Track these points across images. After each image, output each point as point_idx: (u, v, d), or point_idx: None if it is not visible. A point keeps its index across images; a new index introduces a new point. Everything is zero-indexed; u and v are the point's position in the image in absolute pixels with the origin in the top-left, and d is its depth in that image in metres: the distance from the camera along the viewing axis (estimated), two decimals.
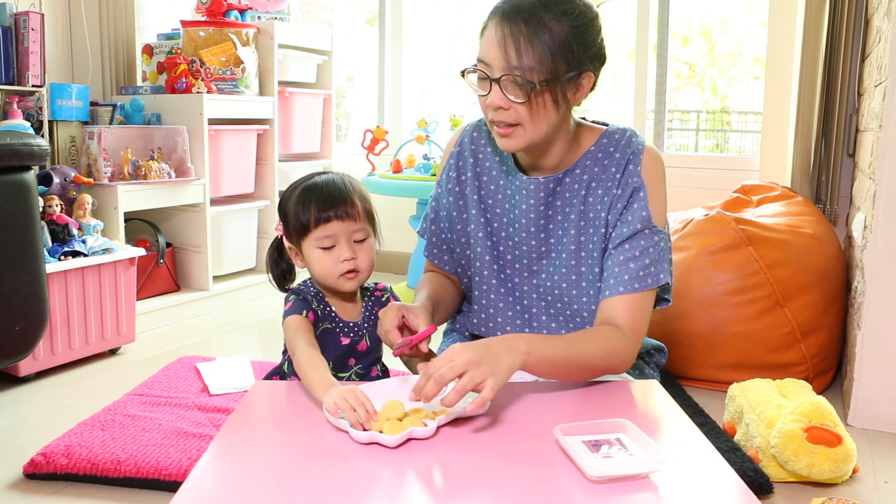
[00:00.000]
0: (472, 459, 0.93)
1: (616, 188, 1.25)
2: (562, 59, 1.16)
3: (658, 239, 1.24)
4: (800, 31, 2.60)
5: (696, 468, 0.92)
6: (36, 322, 2.00)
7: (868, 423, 1.96)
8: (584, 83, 1.21)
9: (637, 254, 1.23)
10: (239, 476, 0.90)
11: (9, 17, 2.67)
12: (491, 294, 1.39)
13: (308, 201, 1.28)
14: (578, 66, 1.18)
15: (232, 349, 2.63)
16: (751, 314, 2.14)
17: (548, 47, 1.14)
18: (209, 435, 1.78)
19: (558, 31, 1.15)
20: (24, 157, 1.90)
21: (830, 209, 2.65)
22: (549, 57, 1.15)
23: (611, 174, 1.26)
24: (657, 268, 1.23)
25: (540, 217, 1.31)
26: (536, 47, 1.14)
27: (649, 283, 1.22)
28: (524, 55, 1.15)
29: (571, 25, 1.16)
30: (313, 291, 1.33)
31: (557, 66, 1.15)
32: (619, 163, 1.26)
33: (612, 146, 1.28)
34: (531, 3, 1.16)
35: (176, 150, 2.98)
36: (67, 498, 1.58)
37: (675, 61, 3.76)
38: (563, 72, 1.16)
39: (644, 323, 1.24)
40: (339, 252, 1.28)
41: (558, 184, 1.29)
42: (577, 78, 1.19)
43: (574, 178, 1.28)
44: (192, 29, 3.16)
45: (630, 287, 1.22)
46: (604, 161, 1.27)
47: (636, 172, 1.25)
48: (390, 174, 3.18)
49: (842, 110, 2.59)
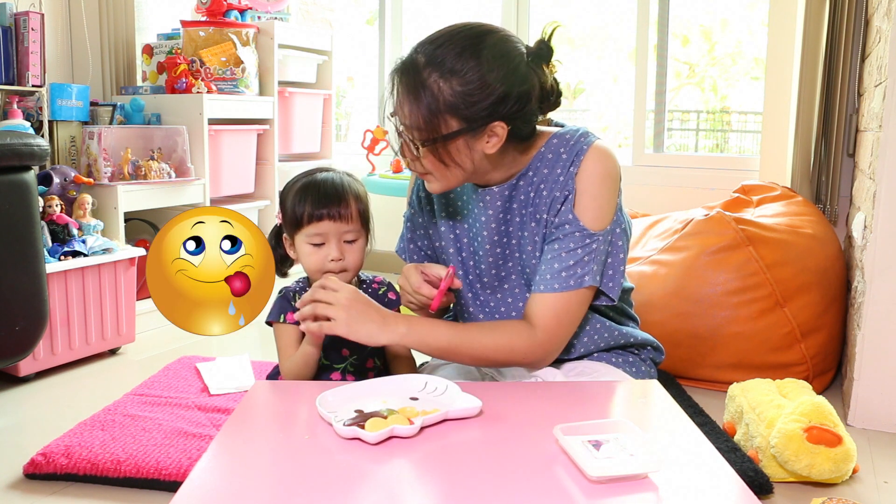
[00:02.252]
0: (472, 459, 0.93)
1: (557, 190, 1.24)
2: (450, 117, 1.15)
3: (590, 241, 1.22)
4: (800, 31, 2.60)
5: (697, 468, 0.92)
6: (36, 322, 2.00)
7: (868, 423, 1.96)
8: (496, 131, 1.18)
9: (563, 254, 1.22)
10: (239, 476, 0.90)
11: (9, 17, 2.67)
12: (469, 308, 1.40)
13: (305, 197, 1.32)
14: (479, 121, 1.16)
15: (232, 349, 2.63)
16: (751, 314, 2.14)
17: (430, 108, 1.14)
18: (209, 435, 1.78)
19: (445, 91, 1.14)
20: (24, 157, 1.90)
21: (830, 209, 2.65)
22: (431, 118, 1.15)
23: (555, 175, 1.25)
24: (583, 269, 1.22)
25: (501, 224, 1.30)
26: (417, 108, 1.15)
27: (571, 284, 1.21)
28: (409, 115, 1.17)
29: (461, 83, 1.14)
30: (298, 287, 1.38)
31: (441, 125, 1.15)
32: (564, 164, 1.25)
33: (562, 146, 1.26)
34: (416, 63, 1.16)
35: (176, 150, 2.98)
36: (67, 498, 1.58)
37: (675, 61, 3.76)
38: (455, 129, 1.16)
39: (562, 322, 1.23)
40: (327, 250, 1.32)
41: (513, 189, 1.28)
42: (481, 130, 1.17)
43: (527, 181, 1.28)
44: (192, 29, 3.16)
45: (549, 287, 1.22)
46: (553, 162, 1.26)
47: (572, 175, 1.24)
48: (390, 174, 3.18)
49: (842, 110, 2.59)
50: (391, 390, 1.10)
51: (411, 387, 1.12)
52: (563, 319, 1.23)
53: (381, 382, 1.13)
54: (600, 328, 1.35)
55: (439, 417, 1.01)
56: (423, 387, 1.12)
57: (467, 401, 1.04)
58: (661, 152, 3.25)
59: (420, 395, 1.10)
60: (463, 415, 1.02)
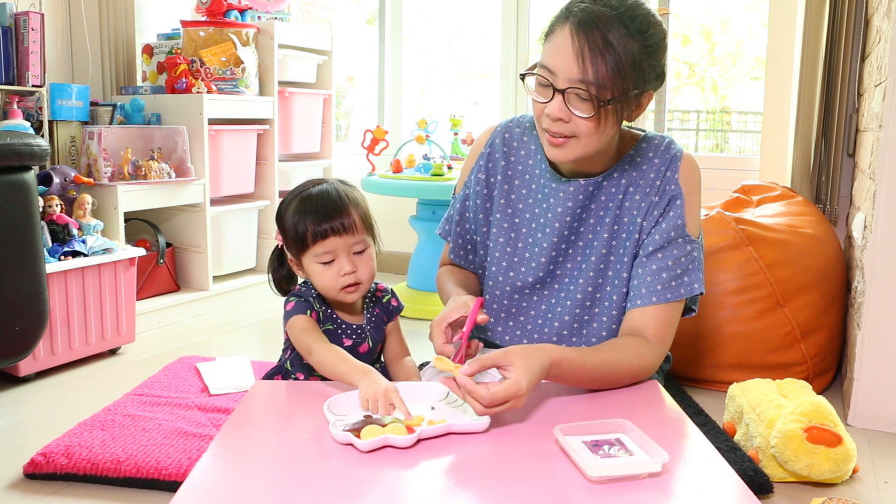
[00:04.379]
0: (473, 459, 0.93)
1: (654, 194, 1.23)
2: (631, 77, 1.11)
3: (691, 248, 1.22)
4: (800, 31, 2.60)
5: (697, 468, 0.92)
6: (36, 322, 2.00)
7: (868, 423, 1.96)
8: (644, 101, 1.17)
9: (670, 263, 1.20)
10: (239, 476, 0.90)
11: (9, 17, 2.67)
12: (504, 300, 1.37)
13: (304, 216, 1.27)
14: (644, 85, 1.14)
15: (232, 349, 2.63)
16: (751, 314, 2.14)
17: (621, 65, 1.09)
18: (209, 435, 1.78)
19: (632, 49, 1.10)
20: (24, 157, 1.90)
21: (830, 209, 2.65)
22: (621, 75, 1.09)
23: (649, 179, 1.23)
24: (690, 278, 1.21)
25: (574, 220, 1.28)
26: (610, 64, 1.09)
27: (681, 293, 1.20)
28: (597, 70, 1.09)
29: (644, 44, 1.11)
30: (314, 294, 1.33)
31: (626, 84, 1.11)
32: (658, 168, 1.23)
33: (652, 151, 1.25)
34: (608, 16, 1.09)
35: (176, 150, 2.98)
36: (67, 498, 1.58)
37: (675, 61, 3.76)
38: (630, 90, 1.12)
39: (671, 334, 1.22)
40: (339, 266, 1.28)
41: (597, 187, 1.26)
42: (640, 96, 1.16)
43: (612, 181, 1.26)
44: (192, 29, 3.16)
45: (662, 297, 1.20)
46: (642, 166, 1.24)
47: (674, 179, 1.22)
48: (390, 174, 3.18)
49: (842, 110, 2.59)
50: (412, 397, 1.08)
51: (432, 395, 1.10)
52: (673, 329, 1.22)
53: (405, 388, 1.10)
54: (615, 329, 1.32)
55: (442, 430, 0.99)
56: (445, 396, 1.10)
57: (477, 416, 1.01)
58: None
59: (438, 404, 1.08)
60: (468, 430, 1.00)
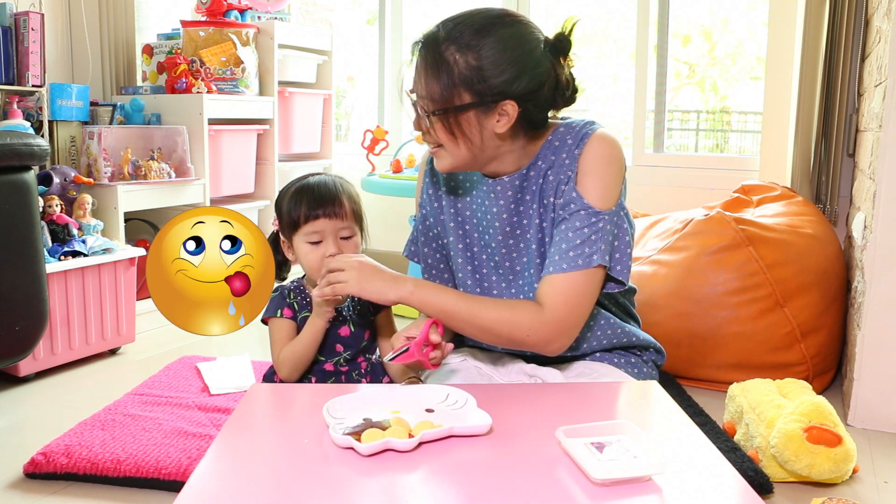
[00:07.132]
0: (475, 462, 0.93)
1: (562, 173, 1.26)
2: (463, 90, 1.19)
3: (596, 220, 1.22)
4: (800, 31, 2.60)
5: (699, 469, 0.92)
6: (36, 322, 2.00)
7: (868, 423, 1.96)
8: (507, 110, 1.21)
9: (570, 234, 1.23)
10: (238, 481, 0.90)
11: (9, 17, 2.67)
12: None
13: (300, 199, 1.40)
14: (490, 97, 1.20)
15: (232, 349, 2.62)
16: (751, 314, 2.14)
17: (445, 80, 1.19)
18: (209, 435, 1.78)
19: (460, 64, 1.18)
20: (24, 157, 1.90)
21: (830, 209, 2.65)
22: (445, 89, 1.19)
23: (562, 160, 1.27)
24: (591, 248, 1.21)
25: (513, 215, 1.31)
26: (433, 79, 1.20)
27: (579, 263, 1.21)
28: (425, 85, 1.21)
29: (476, 59, 1.18)
30: (293, 286, 1.45)
31: (454, 97, 1.19)
32: (569, 149, 1.27)
33: (568, 134, 1.28)
34: (436, 36, 1.21)
35: (176, 150, 2.98)
36: (67, 497, 1.58)
37: (675, 61, 3.75)
38: (467, 102, 1.19)
39: (570, 303, 1.22)
40: (325, 247, 1.39)
41: (524, 179, 1.30)
42: (492, 107, 1.20)
43: (536, 169, 1.29)
44: (192, 29, 3.16)
45: (558, 267, 1.22)
46: (561, 150, 1.28)
47: (576, 156, 1.26)
48: (390, 174, 3.18)
49: (842, 110, 2.59)
50: (411, 399, 1.08)
51: (431, 397, 1.10)
52: (572, 300, 1.22)
53: (404, 390, 1.10)
54: (604, 325, 1.35)
55: (443, 434, 0.98)
56: (445, 398, 1.09)
57: (479, 417, 1.01)
58: (661, 152, 3.25)
59: (438, 406, 1.07)
60: (470, 433, 0.99)
